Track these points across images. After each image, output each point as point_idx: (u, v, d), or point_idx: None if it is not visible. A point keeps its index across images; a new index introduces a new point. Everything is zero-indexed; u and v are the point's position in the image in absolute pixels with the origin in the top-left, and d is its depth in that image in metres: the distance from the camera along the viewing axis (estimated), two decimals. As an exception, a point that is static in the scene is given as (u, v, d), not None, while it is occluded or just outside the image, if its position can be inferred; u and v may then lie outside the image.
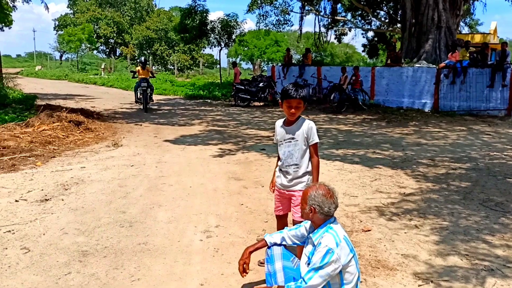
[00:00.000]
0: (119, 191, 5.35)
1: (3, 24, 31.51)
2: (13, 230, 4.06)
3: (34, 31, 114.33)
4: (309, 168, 3.23)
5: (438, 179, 6.16)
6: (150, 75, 14.78)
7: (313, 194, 2.68)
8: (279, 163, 3.37)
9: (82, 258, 3.50)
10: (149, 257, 3.55)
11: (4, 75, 18.37)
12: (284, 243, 2.95)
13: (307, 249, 2.71)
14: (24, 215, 4.46)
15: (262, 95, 16.95)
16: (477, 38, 24.34)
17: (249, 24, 50.20)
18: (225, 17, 24.19)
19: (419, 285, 3.16)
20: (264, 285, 2.89)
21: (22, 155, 7.12)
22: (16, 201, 4.89)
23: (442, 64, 14.41)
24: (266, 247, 2.94)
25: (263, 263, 3.31)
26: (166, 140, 9.06)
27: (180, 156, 7.57)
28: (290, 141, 3.21)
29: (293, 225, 3.07)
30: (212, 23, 23.82)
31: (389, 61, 16.66)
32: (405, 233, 4.16)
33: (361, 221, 4.47)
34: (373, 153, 8.06)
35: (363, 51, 37.78)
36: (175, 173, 6.35)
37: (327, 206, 2.64)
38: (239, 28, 24.85)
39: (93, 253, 3.61)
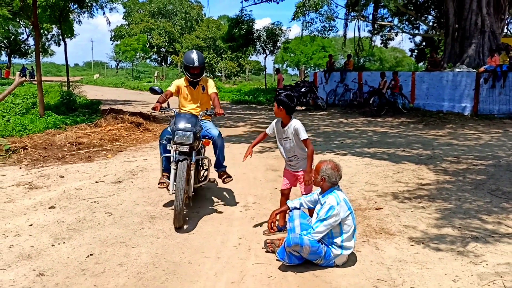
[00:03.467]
0: (176, 177, 6.47)
1: (66, 36, 34.32)
2: (97, 201, 5.26)
3: (92, 42, 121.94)
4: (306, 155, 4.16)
5: (457, 173, 6.79)
6: (210, 108, 5.55)
7: (324, 168, 3.60)
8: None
9: (151, 220, 4.61)
10: (200, 221, 4.60)
11: (70, 83, 20.54)
12: (301, 207, 3.88)
13: (317, 208, 3.63)
14: (104, 191, 5.67)
15: (304, 100, 17.81)
16: (529, 41, 23.83)
17: (295, 30, 51.41)
18: (270, 26, 25.32)
19: (411, 245, 3.96)
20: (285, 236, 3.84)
21: (95, 149, 8.50)
22: (96, 182, 6.13)
23: (482, 69, 14.63)
24: (288, 210, 3.90)
25: (266, 233, 4.21)
26: (214, 139, 10.18)
27: (226, 152, 8.61)
28: (287, 140, 4.18)
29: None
30: (258, 32, 25.03)
31: (429, 66, 17.01)
32: (411, 211, 4.93)
33: (375, 202, 5.28)
34: (403, 151, 8.72)
35: (410, 55, 37.58)
36: (221, 165, 7.41)
37: (334, 177, 3.56)
38: (284, 35, 25.89)
39: (159, 217, 4.72)
